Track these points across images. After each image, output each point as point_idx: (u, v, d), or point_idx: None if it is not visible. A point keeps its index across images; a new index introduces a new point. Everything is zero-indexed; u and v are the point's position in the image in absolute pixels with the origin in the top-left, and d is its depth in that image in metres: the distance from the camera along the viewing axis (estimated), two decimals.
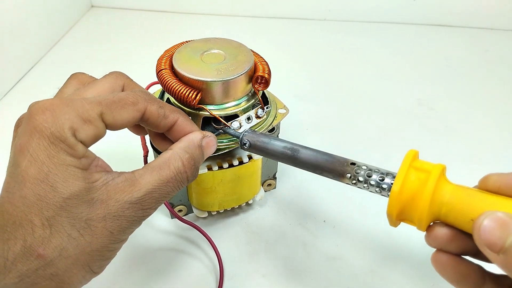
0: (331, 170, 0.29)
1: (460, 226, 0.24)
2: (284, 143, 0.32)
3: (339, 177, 0.29)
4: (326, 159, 0.30)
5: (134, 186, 0.25)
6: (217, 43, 0.37)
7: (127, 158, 0.31)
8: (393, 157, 0.49)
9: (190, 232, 0.41)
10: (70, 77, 0.29)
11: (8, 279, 0.21)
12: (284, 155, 0.31)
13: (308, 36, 0.76)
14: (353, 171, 0.28)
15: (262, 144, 0.32)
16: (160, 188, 0.26)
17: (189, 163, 0.28)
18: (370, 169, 0.28)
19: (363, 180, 0.28)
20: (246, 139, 0.33)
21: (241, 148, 0.34)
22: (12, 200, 0.22)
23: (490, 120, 0.56)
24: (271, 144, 0.32)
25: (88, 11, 0.84)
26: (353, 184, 0.29)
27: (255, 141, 0.33)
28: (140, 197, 0.25)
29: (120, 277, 0.38)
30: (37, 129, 0.23)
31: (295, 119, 0.52)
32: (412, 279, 0.38)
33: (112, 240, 0.24)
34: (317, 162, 0.30)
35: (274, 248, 0.40)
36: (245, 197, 0.41)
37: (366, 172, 0.28)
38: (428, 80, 0.65)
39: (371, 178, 0.28)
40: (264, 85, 0.35)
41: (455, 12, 0.77)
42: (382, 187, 0.27)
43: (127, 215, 0.24)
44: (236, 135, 0.34)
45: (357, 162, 0.29)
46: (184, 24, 0.80)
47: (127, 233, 0.25)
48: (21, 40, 0.63)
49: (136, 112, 0.27)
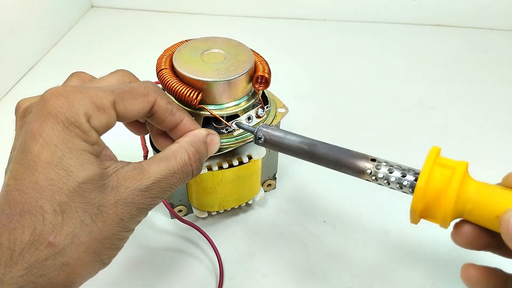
0: (350, 166, 0.29)
1: (484, 222, 0.24)
2: (300, 138, 0.31)
3: (358, 174, 0.29)
4: (345, 154, 0.29)
5: (143, 175, 0.25)
6: (217, 43, 0.37)
7: (127, 158, 0.31)
8: (393, 157, 0.49)
9: (190, 232, 0.41)
10: (71, 75, 0.29)
11: (14, 272, 0.21)
12: (301, 150, 0.30)
13: (308, 36, 0.76)
14: (374, 167, 0.28)
15: (278, 139, 0.31)
16: (167, 178, 0.26)
17: (195, 156, 0.28)
18: (391, 165, 0.27)
19: (384, 176, 0.27)
20: (261, 134, 0.32)
21: (255, 143, 0.32)
22: (20, 187, 0.21)
23: (490, 120, 0.56)
24: (287, 139, 0.31)
25: (88, 11, 0.84)
26: (373, 180, 0.28)
27: (270, 136, 0.32)
28: (149, 185, 0.25)
29: (120, 277, 0.37)
30: (51, 114, 0.22)
31: (295, 119, 0.52)
32: (412, 278, 0.38)
33: (122, 227, 0.24)
34: (336, 158, 0.29)
35: (274, 248, 0.40)
36: (245, 197, 0.41)
37: (387, 169, 0.27)
38: (428, 80, 0.65)
39: (392, 175, 0.27)
40: (265, 85, 0.35)
41: (455, 12, 0.77)
42: (403, 184, 0.27)
43: (137, 201, 0.24)
44: (250, 130, 0.33)
45: (377, 158, 0.28)
46: (184, 24, 0.80)
47: (135, 221, 0.25)
48: (21, 40, 0.63)
49: (146, 104, 0.27)
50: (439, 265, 0.38)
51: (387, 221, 0.42)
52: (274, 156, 0.42)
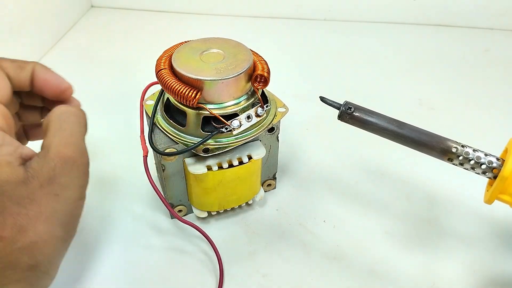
0: (436, 146, 0.31)
1: None
2: (385, 116, 0.32)
3: (443, 153, 0.31)
4: (430, 135, 0.31)
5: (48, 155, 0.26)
6: (216, 43, 0.37)
7: (127, 158, 0.31)
8: (393, 157, 0.49)
9: (190, 232, 0.41)
10: None
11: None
12: (389, 129, 0.31)
13: (308, 36, 0.76)
14: (460, 146, 0.31)
15: (365, 116, 0.32)
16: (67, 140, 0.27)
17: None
18: (475, 150, 0.31)
19: (469, 156, 0.30)
20: (351, 105, 0.32)
21: (340, 117, 0.32)
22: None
23: (490, 120, 0.56)
24: (375, 116, 0.32)
25: (88, 11, 0.84)
26: (456, 158, 0.31)
27: (360, 108, 0.32)
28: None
29: (120, 277, 0.37)
30: None
31: (295, 119, 0.52)
32: (412, 278, 0.37)
33: (63, 200, 0.26)
34: (423, 138, 0.31)
35: (274, 248, 0.40)
36: (245, 197, 0.41)
37: (472, 149, 0.30)
38: (428, 80, 0.65)
39: (476, 154, 0.30)
40: (264, 84, 0.35)
41: (455, 12, 0.77)
42: (491, 166, 0.30)
43: (58, 174, 0.26)
44: (334, 105, 0.33)
45: (458, 142, 0.31)
46: (184, 24, 0.80)
47: (70, 188, 0.26)
48: (21, 40, 0.63)
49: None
50: (439, 265, 0.38)
51: (387, 221, 0.42)
52: (274, 156, 0.42)
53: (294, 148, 0.51)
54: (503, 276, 0.38)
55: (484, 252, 0.39)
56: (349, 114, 0.32)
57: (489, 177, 0.31)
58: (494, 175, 0.31)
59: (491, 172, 0.31)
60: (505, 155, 0.32)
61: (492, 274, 0.38)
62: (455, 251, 0.40)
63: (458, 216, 0.43)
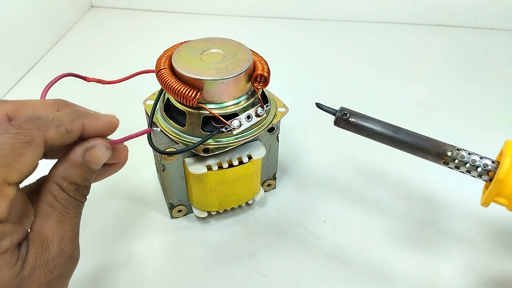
0: (431, 149, 0.31)
1: None
2: (380, 121, 0.32)
3: (438, 156, 0.31)
4: (426, 139, 0.32)
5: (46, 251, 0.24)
6: (216, 43, 0.37)
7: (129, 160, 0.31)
8: (394, 157, 0.49)
9: (190, 232, 0.41)
10: None
11: None
12: (385, 134, 0.32)
13: (308, 36, 0.76)
14: (455, 149, 0.31)
15: (361, 120, 0.32)
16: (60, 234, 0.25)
17: (69, 189, 0.25)
18: (470, 153, 0.31)
19: (464, 159, 0.30)
20: (346, 111, 0.32)
21: (336, 122, 0.32)
22: None
23: (490, 120, 0.56)
24: (371, 121, 0.32)
25: (88, 11, 0.84)
26: (451, 162, 0.31)
27: (356, 114, 0.32)
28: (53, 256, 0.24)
29: (120, 277, 0.37)
30: None
31: (295, 119, 0.52)
32: (412, 278, 0.37)
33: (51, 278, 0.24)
34: (418, 142, 0.31)
35: (274, 248, 0.40)
36: (245, 197, 0.41)
37: (467, 152, 0.31)
38: (428, 80, 0.65)
39: (471, 157, 0.30)
40: (264, 84, 0.35)
41: (455, 12, 0.77)
42: (487, 169, 0.30)
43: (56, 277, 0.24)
44: (330, 111, 0.33)
45: (454, 145, 0.31)
46: (184, 24, 0.80)
47: (63, 275, 0.25)
48: (21, 40, 0.63)
49: (36, 150, 0.23)
50: (439, 265, 0.38)
51: (387, 221, 0.42)
52: (274, 156, 0.42)
53: (294, 148, 0.51)
54: (503, 276, 0.38)
55: (484, 252, 0.40)
56: (345, 120, 0.32)
57: (485, 180, 0.31)
58: (489, 178, 0.31)
59: (486, 175, 0.31)
60: (500, 158, 0.32)
61: (492, 274, 0.38)
62: (455, 251, 0.40)
63: (458, 216, 0.43)
